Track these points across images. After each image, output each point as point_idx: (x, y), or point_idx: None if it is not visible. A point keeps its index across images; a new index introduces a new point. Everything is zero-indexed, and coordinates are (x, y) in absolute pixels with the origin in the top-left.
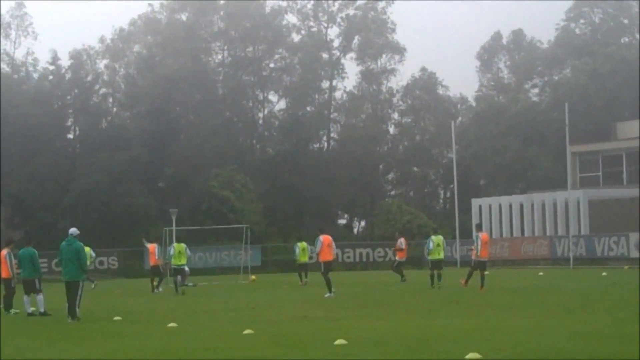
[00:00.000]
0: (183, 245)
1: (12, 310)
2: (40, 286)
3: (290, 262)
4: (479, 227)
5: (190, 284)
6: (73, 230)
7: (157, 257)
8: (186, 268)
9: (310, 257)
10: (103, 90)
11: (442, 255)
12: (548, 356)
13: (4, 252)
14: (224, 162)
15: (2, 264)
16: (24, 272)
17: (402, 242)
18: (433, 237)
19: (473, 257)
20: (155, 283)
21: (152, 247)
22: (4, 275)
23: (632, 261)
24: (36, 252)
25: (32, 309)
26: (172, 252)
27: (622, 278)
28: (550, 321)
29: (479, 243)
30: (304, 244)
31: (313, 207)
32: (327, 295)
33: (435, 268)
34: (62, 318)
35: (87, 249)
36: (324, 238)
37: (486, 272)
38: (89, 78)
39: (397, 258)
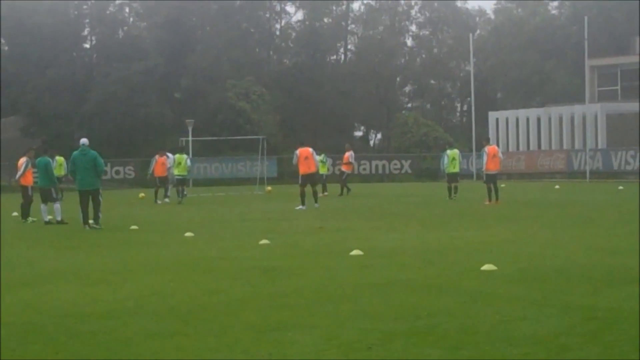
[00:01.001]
0: (184, 156)
1: (29, 219)
2: (57, 195)
3: None
4: (487, 141)
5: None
6: (84, 140)
7: (168, 167)
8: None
9: (328, 169)
10: None
11: (457, 169)
12: (563, 268)
13: (23, 159)
14: (240, 74)
15: (20, 171)
16: (40, 180)
17: (351, 155)
18: (448, 151)
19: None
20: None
21: (163, 158)
22: (24, 182)
23: None
24: (50, 161)
25: (49, 217)
26: (173, 161)
27: (638, 192)
28: (565, 234)
29: (485, 156)
30: (322, 156)
31: (329, 119)
32: (298, 207)
33: (451, 181)
34: (79, 227)
35: None
36: (302, 151)
37: (502, 185)
38: None
39: (344, 170)
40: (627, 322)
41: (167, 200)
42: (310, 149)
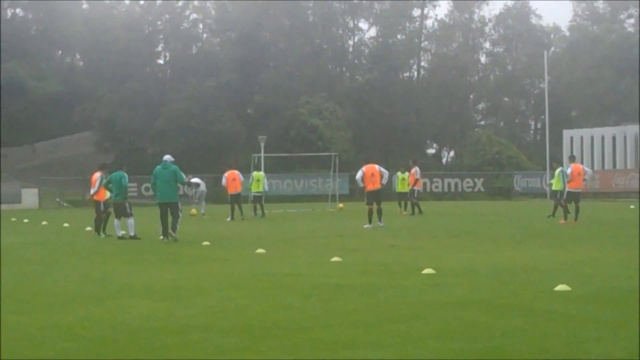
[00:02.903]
0: (262, 173)
1: (102, 234)
2: (131, 210)
3: None
4: (572, 159)
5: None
6: (168, 157)
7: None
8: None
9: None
10: (194, 16)
11: (559, 187)
12: (638, 290)
13: (97, 174)
14: (313, 90)
15: (94, 185)
16: (115, 195)
17: (417, 171)
18: (560, 169)
19: (567, 188)
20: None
21: (234, 173)
22: (96, 198)
23: None
24: (126, 175)
25: (123, 232)
26: (251, 180)
27: None
28: None
29: (569, 174)
30: (405, 175)
31: (402, 136)
32: (366, 226)
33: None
34: (152, 242)
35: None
36: (367, 168)
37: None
38: (180, 3)
39: (415, 188)
40: None
41: (227, 219)
42: (377, 166)
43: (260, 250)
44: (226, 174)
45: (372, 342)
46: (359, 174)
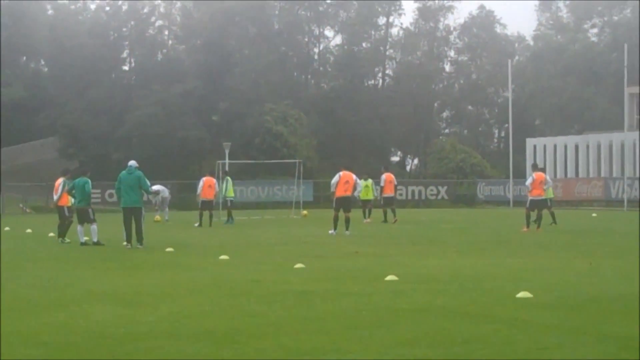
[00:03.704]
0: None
1: (66, 240)
2: (94, 216)
3: None
4: (535, 167)
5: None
6: (133, 163)
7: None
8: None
9: (376, 196)
10: (159, 22)
11: (549, 194)
12: (600, 297)
13: (59, 180)
14: (278, 97)
15: (57, 191)
16: (77, 201)
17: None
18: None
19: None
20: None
21: (211, 180)
22: (60, 203)
23: None
24: (89, 181)
25: (86, 238)
26: (227, 185)
27: None
28: (602, 263)
29: (531, 182)
30: (369, 181)
31: (366, 144)
32: (331, 232)
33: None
34: (115, 248)
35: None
36: (345, 174)
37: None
38: (146, 10)
39: (390, 195)
40: None
41: (196, 225)
42: (354, 176)
43: (223, 257)
44: (203, 179)
45: (336, 348)
46: (335, 179)
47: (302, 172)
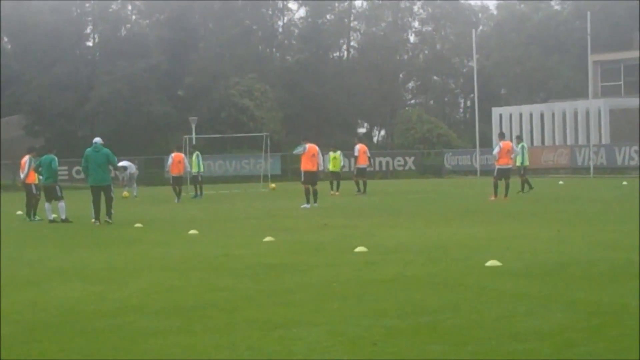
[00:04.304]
0: (197, 152)
1: (36, 217)
2: (62, 193)
3: None
4: (502, 136)
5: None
6: (98, 140)
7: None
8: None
9: (343, 167)
10: None
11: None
12: (568, 264)
13: (26, 157)
14: (243, 71)
15: (23, 169)
16: (45, 178)
17: (356, 148)
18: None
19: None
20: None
21: (180, 155)
22: (28, 181)
23: None
24: (56, 158)
25: (54, 215)
26: (199, 160)
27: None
28: (570, 230)
29: (498, 151)
30: (337, 153)
31: (333, 116)
32: (303, 206)
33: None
34: (83, 225)
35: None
36: (310, 147)
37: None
38: None
39: (365, 165)
40: (632, 317)
41: (176, 201)
42: (317, 148)
43: (192, 232)
44: (172, 155)
45: (306, 320)
46: (299, 149)
47: (270, 145)
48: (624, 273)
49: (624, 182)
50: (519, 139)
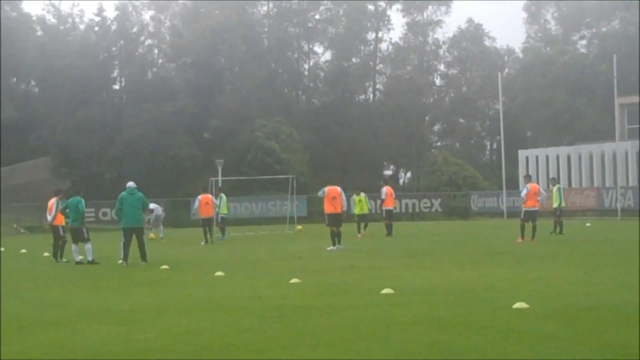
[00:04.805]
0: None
1: (63, 259)
2: (88, 235)
3: None
4: (529, 178)
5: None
6: (132, 184)
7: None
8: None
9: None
10: (148, 41)
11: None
12: (596, 307)
13: (53, 200)
14: (269, 114)
15: (50, 211)
16: (71, 220)
17: (383, 191)
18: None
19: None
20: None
21: (207, 197)
22: (55, 222)
23: None
24: (83, 201)
25: (80, 257)
26: (221, 202)
27: None
28: (598, 272)
29: (525, 193)
30: (361, 196)
31: (359, 158)
32: (329, 248)
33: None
34: (110, 266)
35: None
36: (330, 190)
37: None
38: (135, 29)
39: (391, 207)
40: None
41: (202, 243)
42: (339, 189)
43: (219, 273)
44: (199, 198)
45: None
46: (320, 193)
47: (296, 187)
48: None
49: None
50: (555, 180)
